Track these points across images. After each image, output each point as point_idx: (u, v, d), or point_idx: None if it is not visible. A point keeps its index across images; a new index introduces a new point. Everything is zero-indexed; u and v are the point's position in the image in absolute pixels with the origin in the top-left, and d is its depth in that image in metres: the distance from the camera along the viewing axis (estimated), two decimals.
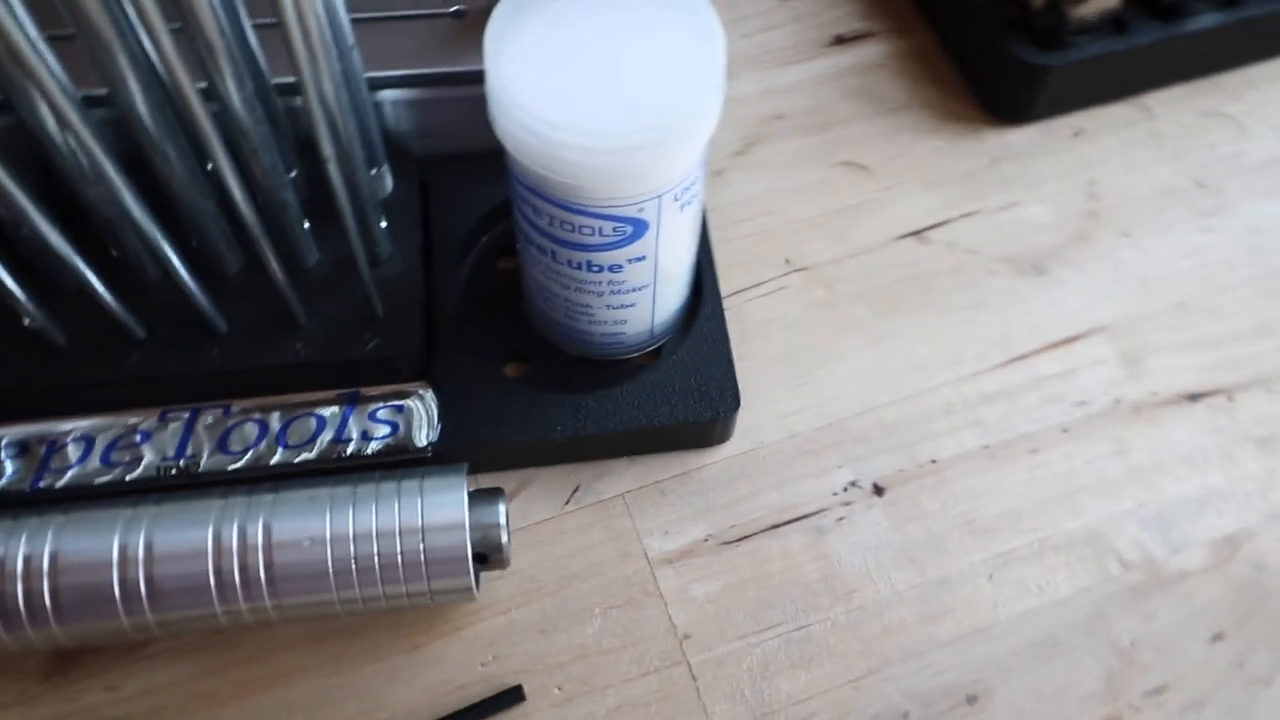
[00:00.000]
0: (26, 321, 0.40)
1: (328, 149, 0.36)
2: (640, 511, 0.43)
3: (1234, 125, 0.54)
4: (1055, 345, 0.47)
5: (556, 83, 0.34)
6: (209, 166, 0.37)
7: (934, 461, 0.45)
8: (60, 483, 0.41)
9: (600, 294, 0.41)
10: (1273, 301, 0.49)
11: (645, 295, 0.42)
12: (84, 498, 0.39)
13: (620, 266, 0.40)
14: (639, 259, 0.40)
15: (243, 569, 0.38)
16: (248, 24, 0.38)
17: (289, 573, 0.38)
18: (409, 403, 0.43)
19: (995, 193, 0.51)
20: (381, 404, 0.43)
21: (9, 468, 0.41)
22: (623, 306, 0.42)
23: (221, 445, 0.42)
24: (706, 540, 0.43)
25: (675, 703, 0.40)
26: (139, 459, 0.42)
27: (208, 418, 0.42)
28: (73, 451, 0.42)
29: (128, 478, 0.41)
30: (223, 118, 0.36)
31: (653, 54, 0.35)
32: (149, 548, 0.37)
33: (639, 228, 0.38)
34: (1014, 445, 0.45)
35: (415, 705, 0.39)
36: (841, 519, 0.43)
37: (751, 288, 0.48)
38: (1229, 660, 0.41)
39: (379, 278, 0.43)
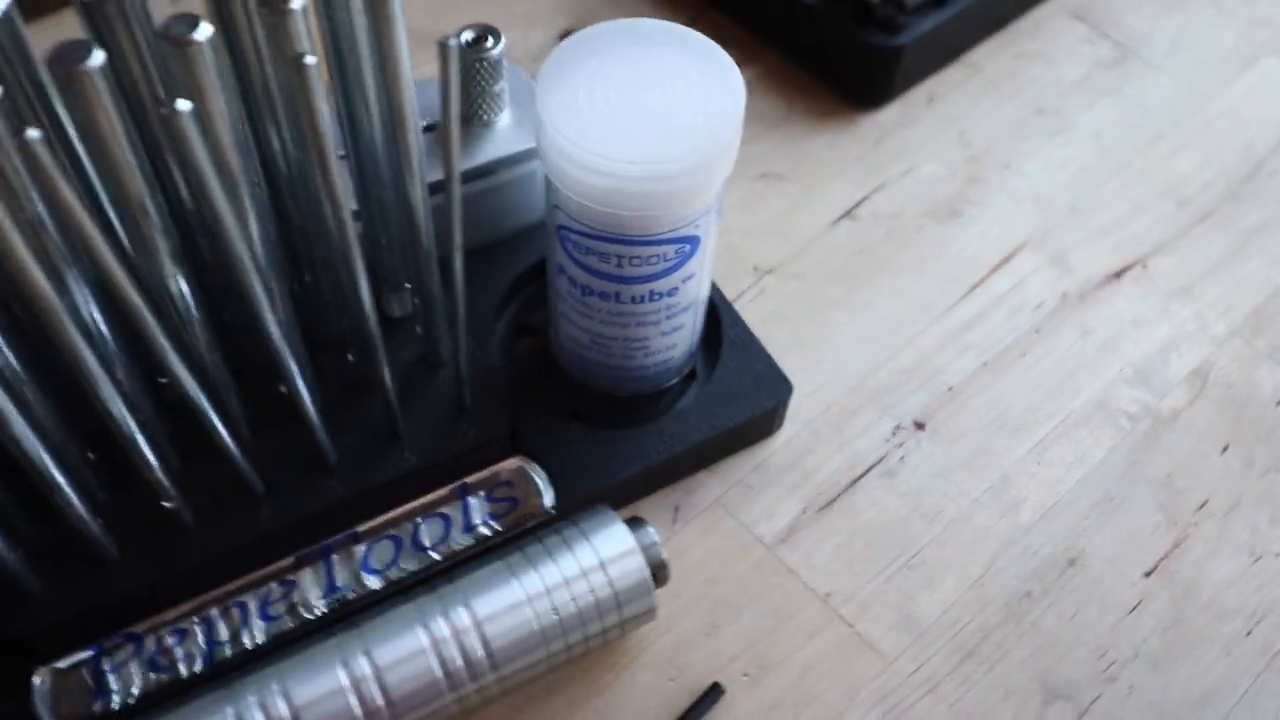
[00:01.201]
0: (167, 504, 0.43)
1: (458, 256, 0.41)
2: (738, 509, 0.50)
3: (1043, 60, 0.66)
4: (995, 269, 0.57)
5: (617, 128, 0.41)
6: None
7: (950, 389, 0.53)
8: (231, 651, 0.44)
9: (657, 322, 0.48)
10: (1137, 186, 0.61)
11: (689, 315, 0.49)
12: (263, 655, 0.42)
13: (676, 289, 0.47)
14: (690, 278, 0.47)
15: (463, 652, 0.42)
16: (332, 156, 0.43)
17: (504, 641, 0.42)
18: (514, 477, 0.48)
19: (890, 164, 0.61)
20: (490, 486, 0.48)
21: (178, 654, 0.44)
22: (674, 330, 0.49)
23: (366, 568, 0.46)
24: (804, 512, 0.50)
25: (846, 651, 0.46)
26: (295, 606, 0.45)
27: (341, 550, 0.46)
28: (235, 617, 0.44)
29: (292, 625, 0.44)
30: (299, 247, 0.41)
31: (687, 86, 0.42)
32: (374, 663, 0.41)
33: (693, 245, 0.45)
34: (1005, 355, 0.54)
35: None
36: (902, 458, 0.51)
37: (738, 297, 0.56)
38: (1241, 463, 0.51)
39: (455, 369, 0.48)
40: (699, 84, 0.42)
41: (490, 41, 0.49)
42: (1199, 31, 0.68)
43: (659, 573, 0.44)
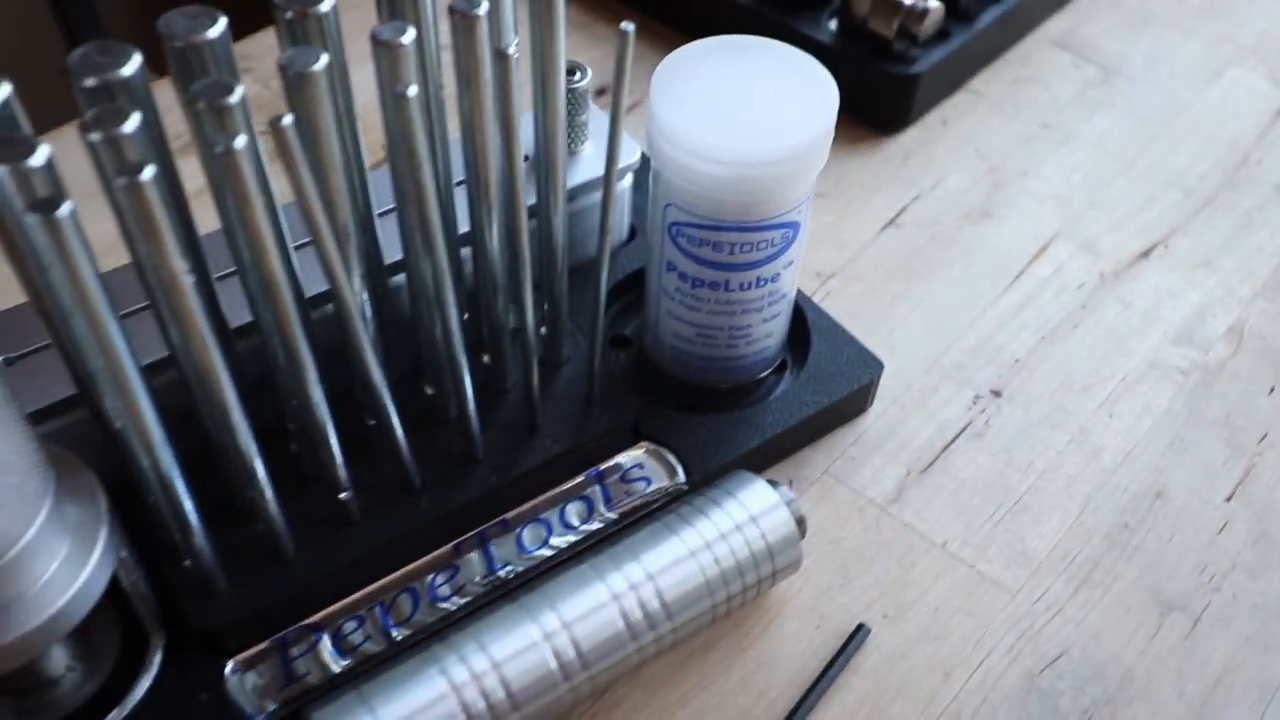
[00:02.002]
0: (342, 496, 0.45)
1: (605, 261, 0.45)
2: (847, 477, 0.53)
3: (1037, 83, 0.72)
4: (1034, 258, 0.62)
5: (731, 123, 0.45)
6: (465, 316, 0.45)
7: (1017, 361, 0.57)
8: (409, 632, 0.46)
9: (760, 309, 0.51)
10: (1143, 181, 0.66)
11: (785, 304, 0.52)
12: (440, 631, 0.44)
13: (778, 275, 0.50)
14: (790, 264, 0.50)
15: (641, 604, 0.44)
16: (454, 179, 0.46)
17: (676, 593, 0.44)
18: (644, 459, 0.51)
19: (920, 179, 0.66)
20: (624, 469, 0.50)
21: (358, 638, 0.45)
22: (774, 318, 0.52)
23: (521, 548, 0.48)
24: (908, 475, 0.53)
25: (972, 588, 0.49)
26: (462, 586, 0.47)
27: (495, 535, 0.48)
28: (404, 605, 0.46)
29: (463, 601, 0.46)
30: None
31: (785, 85, 0.47)
32: (561, 617, 0.43)
33: (794, 231, 0.49)
34: (1059, 329, 0.59)
35: (792, 676, 0.47)
36: (986, 422, 0.55)
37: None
38: None
39: (584, 364, 0.51)
40: (796, 83, 0.47)
41: (578, 75, 0.53)
42: (1168, 49, 0.74)
43: (800, 526, 0.47)
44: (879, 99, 0.68)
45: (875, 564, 0.50)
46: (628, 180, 0.57)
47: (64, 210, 0.31)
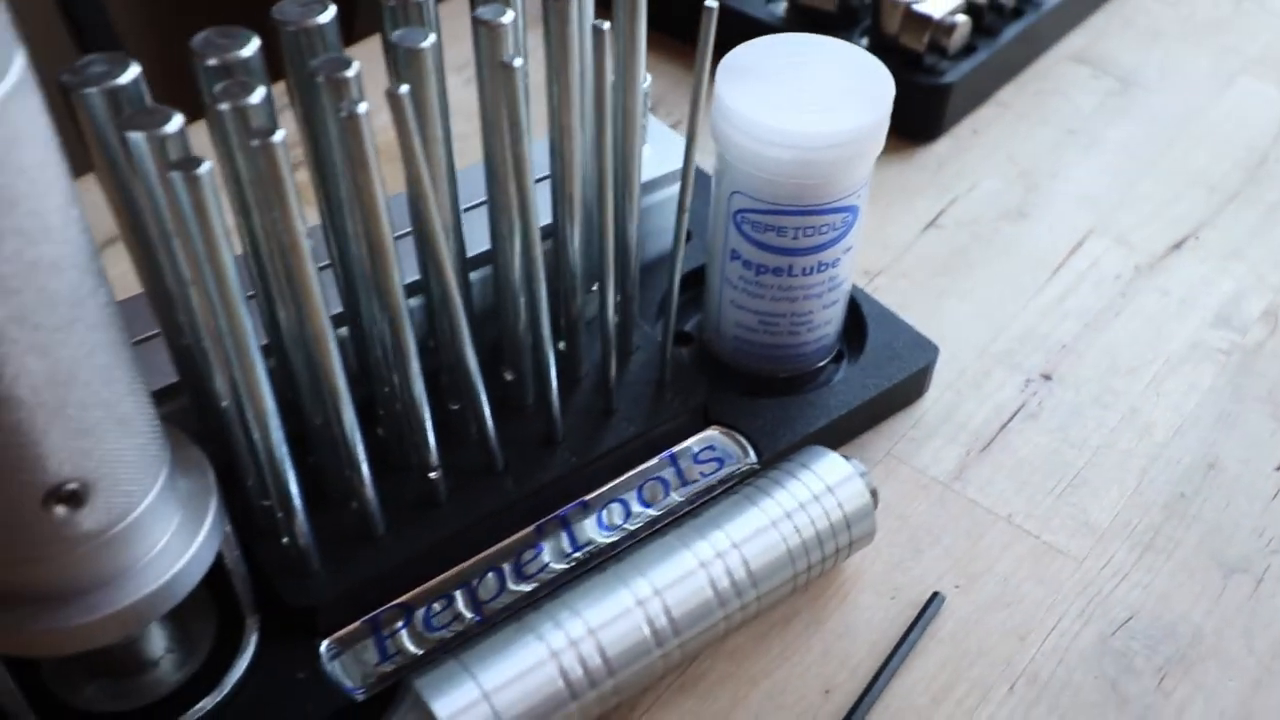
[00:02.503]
0: (433, 475, 0.46)
1: (680, 250, 0.46)
2: (909, 457, 0.54)
3: (1059, 94, 0.74)
4: (1071, 252, 0.63)
5: (795, 110, 0.46)
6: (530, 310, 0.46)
7: (1063, 347, 0.58)
8: (499, 607, 0.46)
9: (820, 295, 0.52)
10: (1169, 180, 0.68)
11: (843, 291, 0.53)
12: (529, 605, 0.45)
13: (838, 261, 0.51)
14: (849, 250, 0.51)
15: (728, 572, 0.44)
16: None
17: (761, 561, 0.45)
18: (715, 441, 0.51)
19: (955, 183, 0.68)
20: (696, 451, 0.51)
21: (448, 616, 0.46)
22: (833, 304, 0.53)
23: (602, 526, 0.48)
24: (968, 454, 0.54)
25: (1039, 557, 0.50)
26: (547, 564, 0.47)
27: (575, 516, 0.49)
28: (490, 584, 0.47)
29: (549, 578, 0.47)
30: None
31: (844, 75, 0.48)
32: (652, 584, 0.44)
33: (853, 215, 0.50)
34: (1101, 317, 0.60)
35: (871, 645, 0.47)
36: (1040, 403, 0.56)
37: None
38: None
39: (653, 352, 0.52)
40: (852, 73, 0.48)
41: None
42: (1179, 62, 0.76)
43: (873, 497, 0.48)
44: (913, 110, 0.69)
45: (943, 537, 0.50)
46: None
47: (204, 168, 0.32)
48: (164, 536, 0.38)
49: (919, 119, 0.70)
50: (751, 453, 0.51)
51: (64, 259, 0.30)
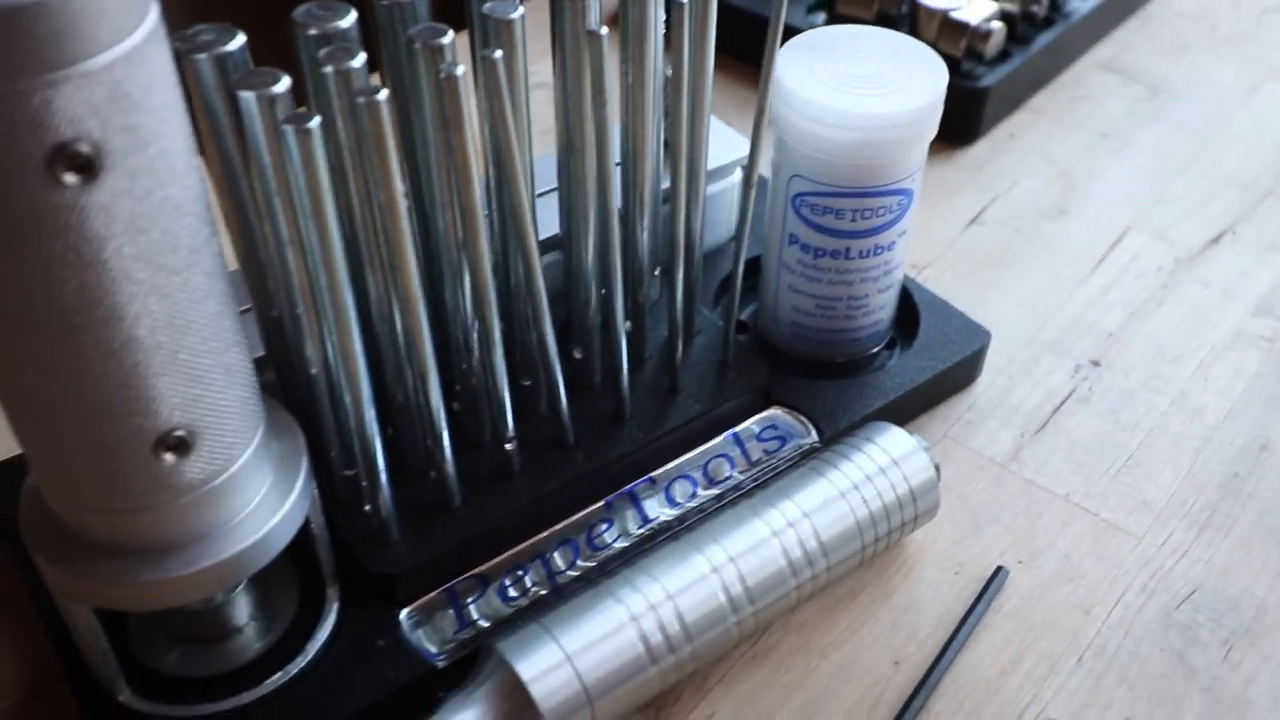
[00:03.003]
0: (509, 445, 0.46)
1: (746, 230, 0.46)
2: (964, 439, 0.54)
3: (1091, 101, 0.75)
4: (1112, 247, 0.64)
5: (855, 93, 0.47)
6: (603, 291, 0.47)
7: (1110, 335, 0.59)
8: (568, 580, 0.46)
9: (876, 278, 0.52)
10: (1202, 180, 0.68)
11: (897, 276, 0.53)
12: (603, 576, 0.44)
13: (894, 244, 0.52)
14: (903, 234, 0.52)
15: (800, 541, 0.44)
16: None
17: (831, 532, 0.45)
18: (776, 420, 0.51)
19: (995, 183, 0.68)
20: (758, 430, 0.51)
21: (524, 585, 0.45)
22: (888, 289, 0.53)
23: (670, 502, 0.48)
24: (1022, 436, 0.54)
25: (1100, 534, 0.50)
26: (618, 537, 0.47)
27: (644, 491, 0.49)
28: (563, 556, 0.47)
29: (622, 547, 0.47)
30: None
31: (899, 61, 0.49)
32: (727, 551, 0.44)
33: (908, 199, 0.51)
34: (1144, 307, 0.60)
35: (938, 619, 0.47)
36: (1090, 388, 0.56)
37: None
38: None
39: (715, 335, 0.52)
40: (907, 60, 0.49)
41: None
42: (1205, 72, 0.77)
43: (937, 472, 0.48)
44: (952, 113, 0.69)
45: (1003, 515, 0.50)
46: (736, 175, 0.59)
47: (314, 122, 0.32)
48: (258, 494, 0.38)
49: (958, 122, 0.70)
50: (813, 431, 0.51)
51: (186, 203, 0.31)
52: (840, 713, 0.44)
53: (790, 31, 0.72)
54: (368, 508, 0.43)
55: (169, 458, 0.34)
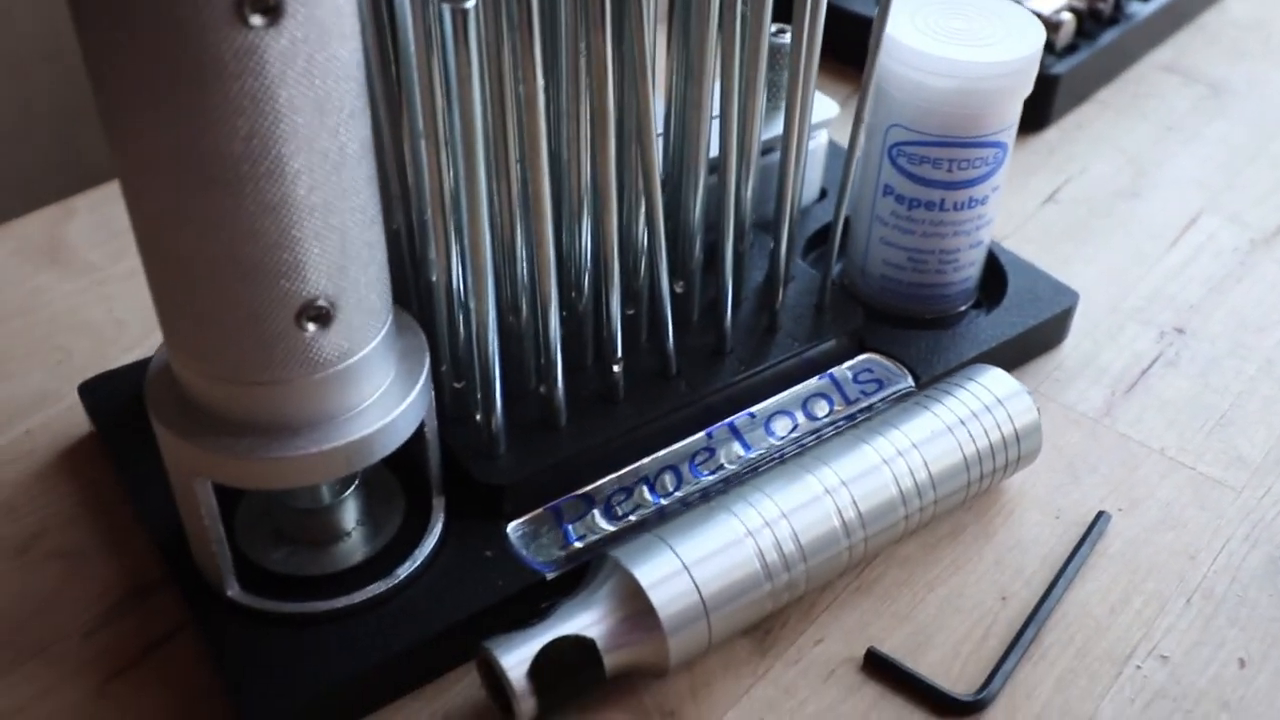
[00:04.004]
0: (616, 367, 0.44)
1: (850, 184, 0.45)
2: (1055, 395, 0.52)
3: (1155, 97, 0.74)
4: (1187, 227, 0.63)
5: (959, 44, 0.46)
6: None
7: (1191, 306, 0.58)
8: (674, 502, 0.44)
9: (968, 232, 0.51)
10: (1272, 169, 0.67)
11: (988, 231, 0.52)
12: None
13: (987, 198, 0.51)
14: (996, 189, 0.51)
15: (910, 471, 0.43)
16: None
17: (939, 465, 0.43)
18: (872, 364, 0.50)
19: (1067, 166, 0.67)
20: (856, 372, 0.50)
21: (628, 506, 0.44)
22: (978, 245, 0.52)
23: (770, 434, 0.47)
24: (1113, 395, 0.53)
25: (1198, 487, 0.48)
26: (722, 465, 0.46)
27: (744, 426, 0.47)
28: (668, 481, 0.45)
29: (726, 474, 0.45)
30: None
31: (998, 17, 0.48)
32: (840, 476, 0.42)
33: (1003, 152, 0.50)
34: (1224, 282, 0.59)
35: (1042, 558, 0.45)
36: (1177, 353, 0.55)
37: None
38: None
39: (811, 280, 0.51)
40: (1005, 15, 0.49)
41: (785, 34, 0.54)
42: (1264, 75, 0.77)
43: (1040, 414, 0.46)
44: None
45: (1100, 466, 0.49)
46: (823, 137, 0.58)
47: (471, 2, 0.31)
48: (383, 383, 0.36)
49: (1030, 108, 0.69)
50: (909, 377, 0.49)
51: (351, 66, 0.30)
52: (950, 643, 0.42)
53: (863, 24, 0.72)
54: (479, 417, 0.42)
55: (310, 328, 0.33)
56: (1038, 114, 0.69)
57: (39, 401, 0.50)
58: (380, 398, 0.36)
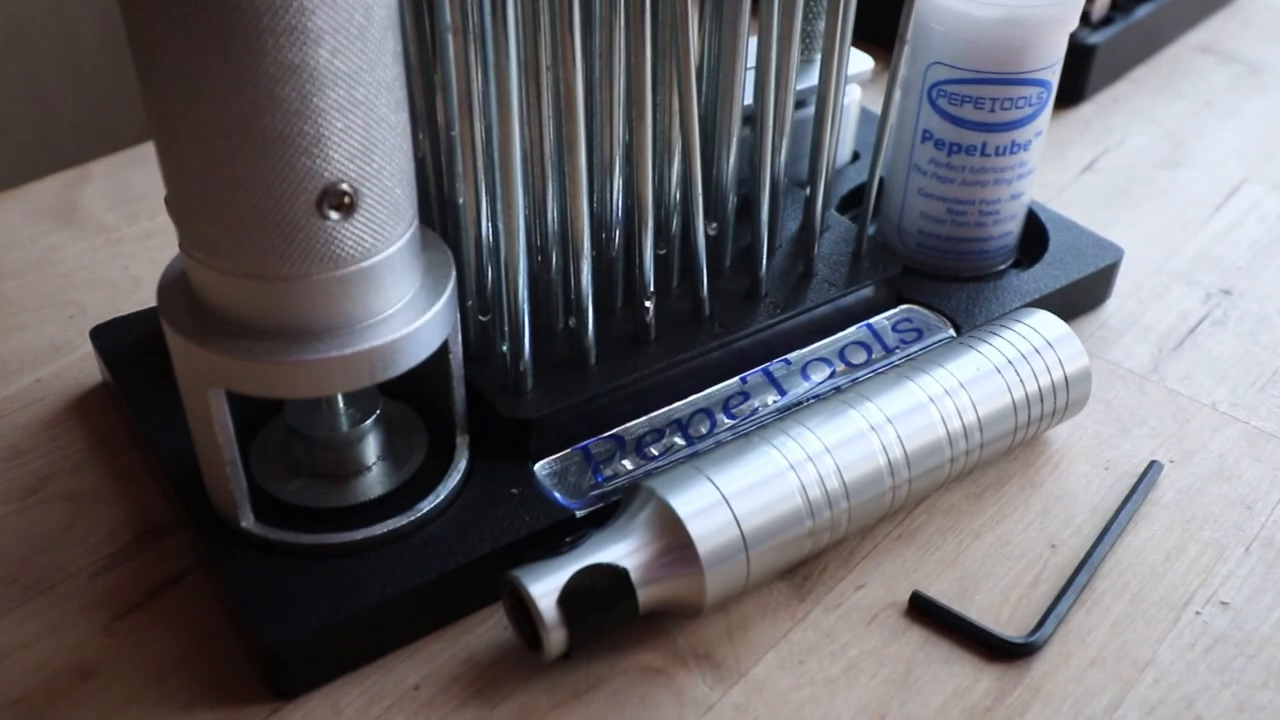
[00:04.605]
0: (648, 303, 0.42)
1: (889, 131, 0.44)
2: (1101, 352, 0.50)
3: (1191, 75, 0.73)
4: (1230, 195, 0.61)
5: None
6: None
7: (1238, 269, 0.56)
8: (707, 446, 0.42)
9: (1010, 181, 0.49)
10: None
11: (1030, 181, 0.51)
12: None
13: (1030, 143, 0.49)
14: (1039, 134, 0.49)
15: (958, 412, 0.41)
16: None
17: (988, 406, 0.41)
18: (912, 314, 0.48)
19: (1105, 138, 0.66)
20: (894, 322, 0.48)
21: (660, 447, 0.42)
22: (1020, 195, 0.50)
23: (806, 379, 0.45)
24: (1160, 352, 0.50)
25: (1252, 440, 0.46)
26: (756, 410, 0.44)
27: (780, 372, 0.45)
28: (701, 423, 0.43)
29: (760, 423, 0.43)
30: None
31: None
32: (885, 412, 0.40)
33: (1047, 92, 0.48)
34: (1269, 248, 0.57)
35: (1093, 506, 0.43)
36: (1224, 312, 0.53)
37: None
38: None
39: (846, 233, 0.49)
40: None
41: None
42: None
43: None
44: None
45: (1149, 419, 0.47)
46: (856, 93, 0.56)
47: None
48: (408, 293, 0.35)
49: (1065, 81, 0.67)
50: (950, 327, 0.47)
51: None
52: (998, 589, 0.40)
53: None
54: (504, 348, 0.40)
55: (333, 216, 0.31)
56: (1073, 87, 0.68)
57: (51, 352, 0.49)
58: (404, 307, 0.34)
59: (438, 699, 0.35)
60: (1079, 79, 0.68)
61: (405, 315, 0.34)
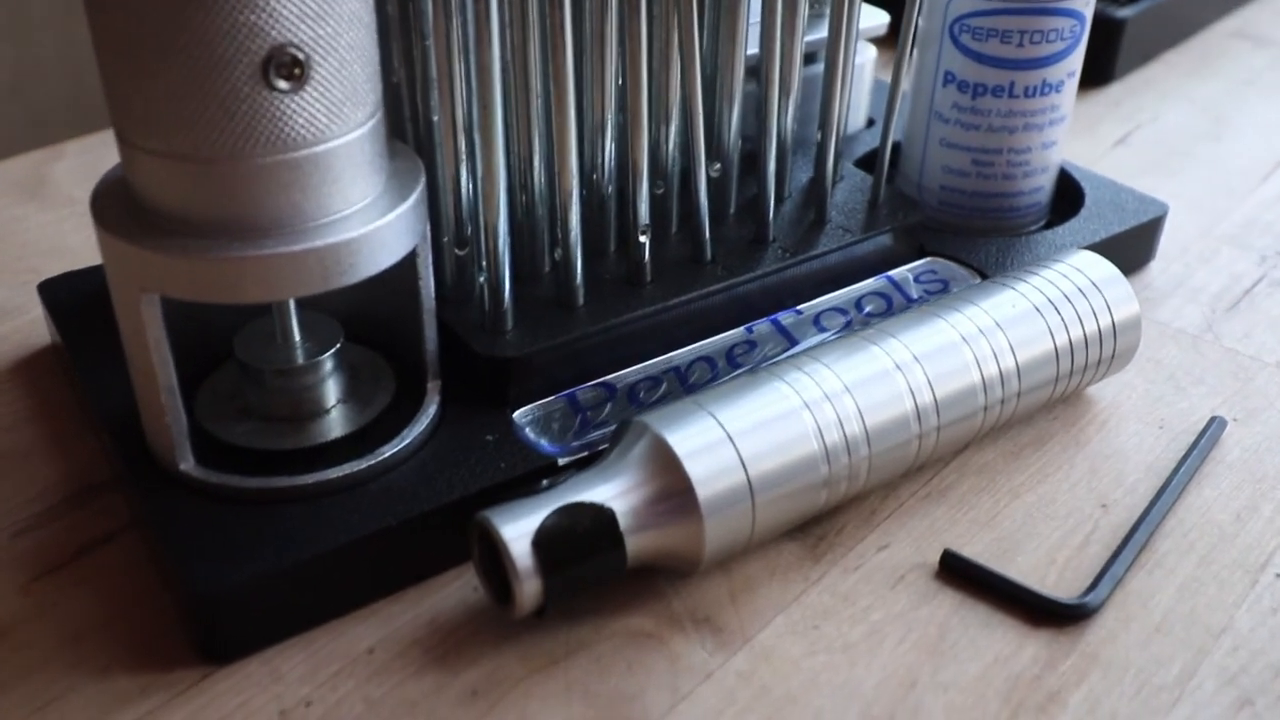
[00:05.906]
0: (643, 238, 0.38)
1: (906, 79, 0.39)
2: (1148, 311, 0.45)
3: (1226, 57, 0.68)
4: (1277, 166, 0.56)
5: None
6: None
7: None
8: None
9: (1041, 128, 0.45)
10: None
11: (1062, 131, 0.46)
12: None
13: (1062, 83, 0.44)
14: (1072, 74, 0.44)
15: (995, 355, 0.36)
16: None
17: (1028, 351, 0.36)
18: (936, 266, 0.43)
19: (1137, 115, 0.61)
20: (916, 273, 0.43)
21: (655, 394, 0.37)
22: (1051, 145, 0.46)
23: (819, 327, 0.40)
24: (1213, 312, 0.45)
25: (1265, 396, 0.41)
26: (765, 358, 0.39)
27: (788, 320, 0.40)
28: (702, 371, 0.38)
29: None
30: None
31: None
32: (912, 351, 0.35)
33: (1081, 25, 0.44)
34: None
35: (1148, 465, 0.38)
36: (1278, 275, 0.48)
37: None
38: None
39: (860, 182, 0.44)
40: None
41: None
42: None
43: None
44: (1091, 48, 0.63)
45: (1206, 378, 0.41)
46: (870, 53, 0.52)
47: None
48: (369, 195, 0.30)
49: (1093, 58, 0.63)
50: (978, 280, 0.42)
51: None
52: (1042, 550, 0.34)
53: None
54: (482, 279, 0.35)
55: (281, 84, 0.26)
56: (1102, 66, 0.64)
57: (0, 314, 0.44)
58: (365, 208, 0.30)
59: (393, 663, 0.30)
60: (1108, 57, 0.63)
61: (365, 216, 0.29)
